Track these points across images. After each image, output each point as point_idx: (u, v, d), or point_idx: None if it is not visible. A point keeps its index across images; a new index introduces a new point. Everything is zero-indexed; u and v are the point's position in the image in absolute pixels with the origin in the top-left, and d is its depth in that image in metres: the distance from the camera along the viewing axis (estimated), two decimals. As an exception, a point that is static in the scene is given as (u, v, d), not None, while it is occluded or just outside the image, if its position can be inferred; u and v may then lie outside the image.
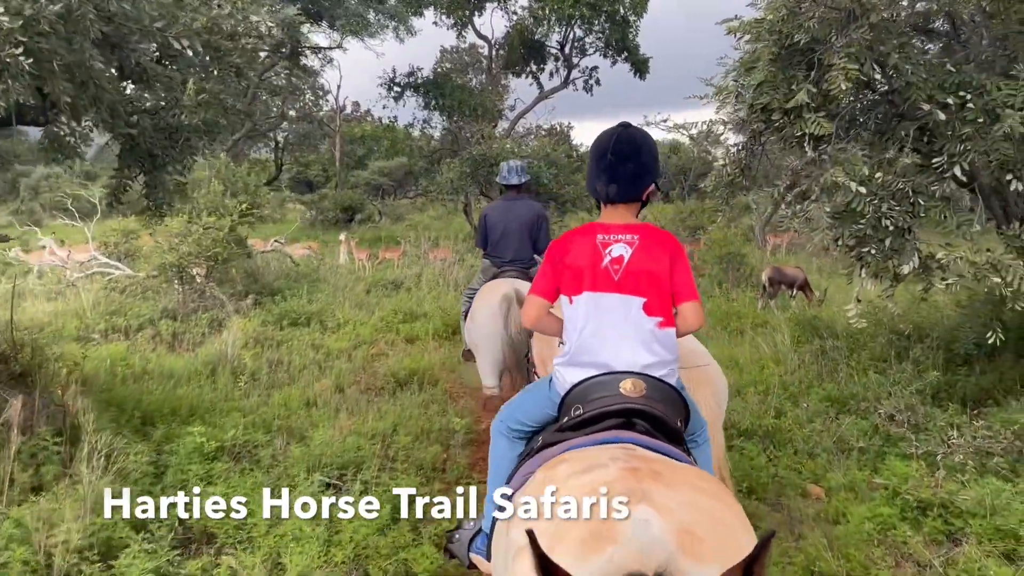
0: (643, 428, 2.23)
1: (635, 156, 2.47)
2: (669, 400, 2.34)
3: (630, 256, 2.41)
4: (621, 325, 2.39)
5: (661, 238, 2.49)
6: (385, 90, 23.56)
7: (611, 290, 2.41)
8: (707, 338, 8.71)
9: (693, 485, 1.85)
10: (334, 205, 30.05)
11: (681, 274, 2.46)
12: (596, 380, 2.35)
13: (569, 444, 2.19)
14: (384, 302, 11.66)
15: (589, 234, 2.49)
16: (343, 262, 16.70)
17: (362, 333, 9.54)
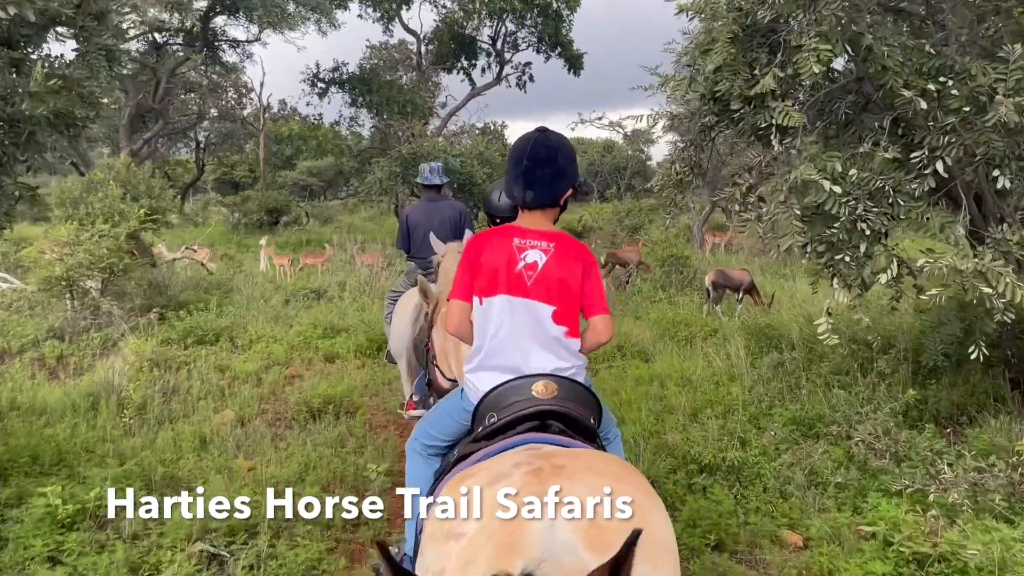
0: (557, 429, 2.23)
1: (551, 161, 2.45)
2: (581, 399, 2.35)
3: (544, 263, 2.41)
4: (531, 330, 2.40)
5: (576, 249, 2.49)
6: (308, 86, 22.40)
7: (523, 295, 2.41)
8: (655, 350, 8.06)
9: (598, 471, 1.83)
10: (258, 207, 28.67)
11: (593, 286, 2.48)
12: (509, 385, 2.34)
13: (480, 454, 2.16)
14: (303, 314, 10.69)
15: (506, 236, 2.47)
16: (264, 269, 15.62)
17: (275, 352, 8.58)
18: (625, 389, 6.82)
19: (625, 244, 17.50)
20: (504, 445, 2.15)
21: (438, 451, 2.61)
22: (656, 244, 12.32)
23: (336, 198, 49.18)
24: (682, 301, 10.96)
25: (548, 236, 2.47)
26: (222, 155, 40.57)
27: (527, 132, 2.57)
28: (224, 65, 24.70)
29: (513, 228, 2.51)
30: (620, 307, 10.93)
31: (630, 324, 9.14)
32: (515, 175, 2.48)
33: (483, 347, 2.46)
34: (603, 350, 7.98)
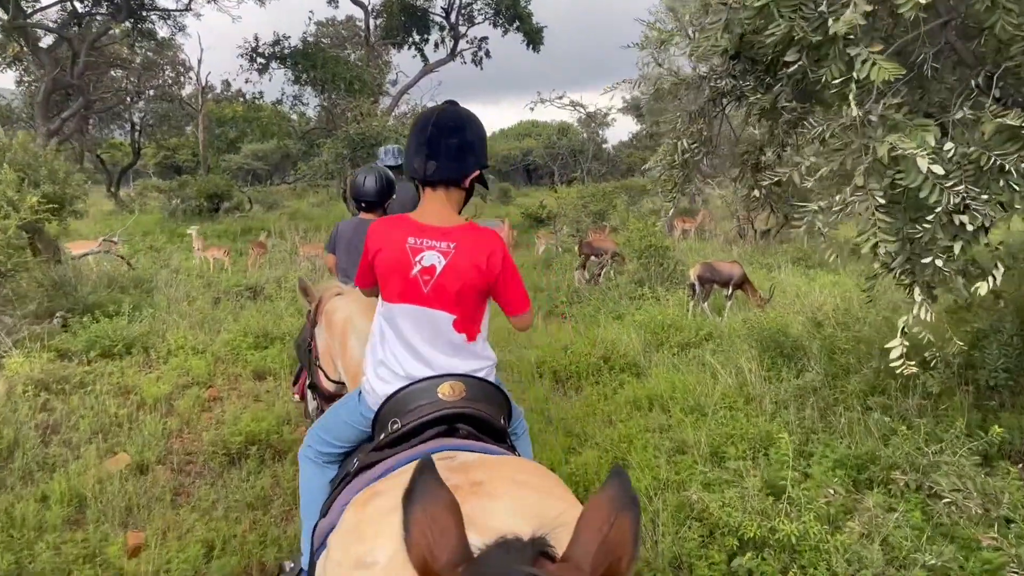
0: (466, 432, 2.12)
1: (459, 132, 2.24)
2: (491, 399, 2.24)
3: (443, 268, 2.19)
4: (429, 339, 2.24)
5: (482, 245, 2.23)
6: (247, 62, 20.64)
7: (420, 303, 2.22)
8: (648, 365, 6.84)
9: (517, 482, 1.75)
10: (197, 193, 26.74)
11: (508, 286, 2.31)
12: (412, 388, 2.19)
13: (386, 466, 1.98)
14: (234, 318, 9.27)
15: (400, 234, 2.23)
16: (198, 262, 14.06)
17: (195, 367, 7.16)
18: (620, 417, 5.60)
19: (591, 231, 16.32)
20: (413, 455, 1.97)
21: (334, 458, 2.43)
22: (632, 233, 11.10)
23: (283, 182, 47.21)
24: (666, 298, 9.78)
25: (448, 233, 2.23)
26: (160, 138, 38.25)
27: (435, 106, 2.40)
28: (153, 37, 22.82)
29: (409, 223, 2.26)
30: (597, 304, 9.70)
31: (613, 328, 7.92)
32: (417, 144, 2.24)
33: (381, 351, 2.30)
34: (586, 364, 6.77)
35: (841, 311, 7.87)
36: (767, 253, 14.48)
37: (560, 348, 7.14)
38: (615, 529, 1.10)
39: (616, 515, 1.11)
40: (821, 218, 3.61)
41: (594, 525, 1.11)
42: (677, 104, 5.82)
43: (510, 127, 62.53)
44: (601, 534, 1.10)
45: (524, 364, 7.03)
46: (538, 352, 7.13)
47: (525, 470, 1.88)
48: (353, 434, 2.38)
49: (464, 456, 1.92)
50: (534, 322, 8.80)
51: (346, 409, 2.43)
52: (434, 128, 2.23)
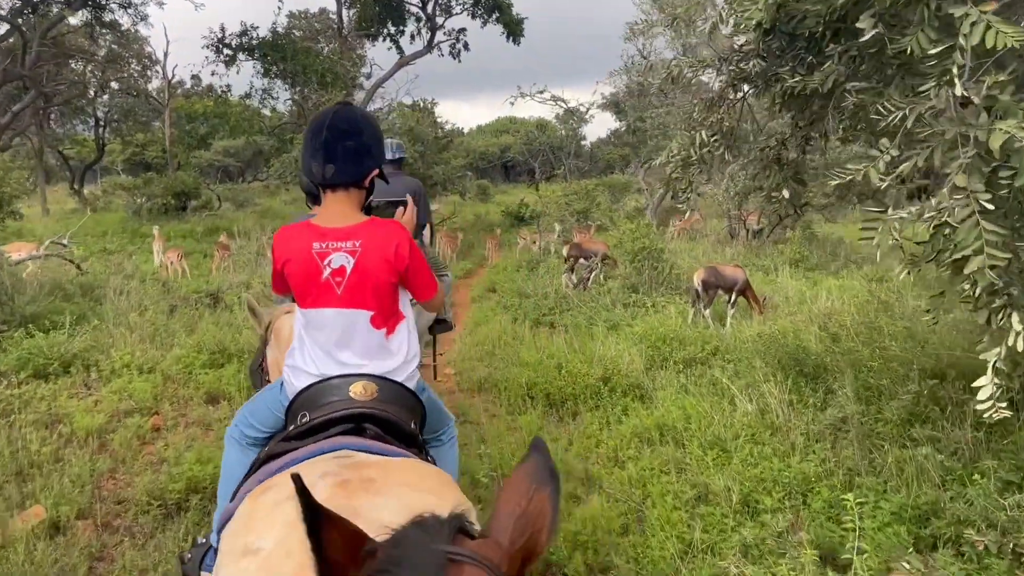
0: (373, 432, 2.11)
1: (355, 134, 2.24)
2: (402, 402, 2.24)
3: (353, 267, 2.20)
4: (347, 339, 2.25)
5: (388, 237, 2.24)
6: (213, 53, 19.62)
7: (335, 305, 2.22)
8: (654, 387, 6.08)
9: (410, 484, 1.77)
10: (164, 191, 25.66)
11: (416, 273, 2.30)
12: (325, 384, 2.21)
13: (288, 458, 1.98)
14: (191, 329, 8.41)
15: (304, 241, 2.22)
16: (158, 265, 13.14)
17: (139, 391, 6.31)
18: (627, 452, 4.83)
19: (576, 231, 15.60)
20: (313, 450, 1.96)
21: (256, 441, 2.38)
22: (624, 234, 10.34)
23: (256, 179, 46.01)
24: (663, 305, 9.04)
25: (351, 232, 2.22)
26: (126, 133, 36.94)
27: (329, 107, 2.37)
28: (114, 28, 21.73)
29: (311, 229, 2.24)
30: (588, 313, 8.94)
31: (610, 341, 7.15)
32: (314, 148, 2.23)
33: (299, 351, 2.31)
34: (584, 385, 6.01)
35: (857, 321, 7.18)
36: (761, 254, 13.82)
37: (553, 367, 6.35)
38: (533, 503, 1.09)
39: (535, 489, 1.11)
40: (897, 226, 2.86)
41: (513, 499, 1.11)
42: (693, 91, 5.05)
43: (487, 123, 61.86)
44: (520, 508, 1.09)
45: (513, 386, 6.25)
46: (529, 373, 6.34)
47: (419, 473, 1.88)
48: (274, 420, 2.37)
49: (362, 456, 1.92)
50: (521, 333, 7.95)
51: (271, 395, 2.43)
52: (329, 132, 2.23)
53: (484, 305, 10.18)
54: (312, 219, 2.29)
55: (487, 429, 5.45)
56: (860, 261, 12.68)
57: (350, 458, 1.89)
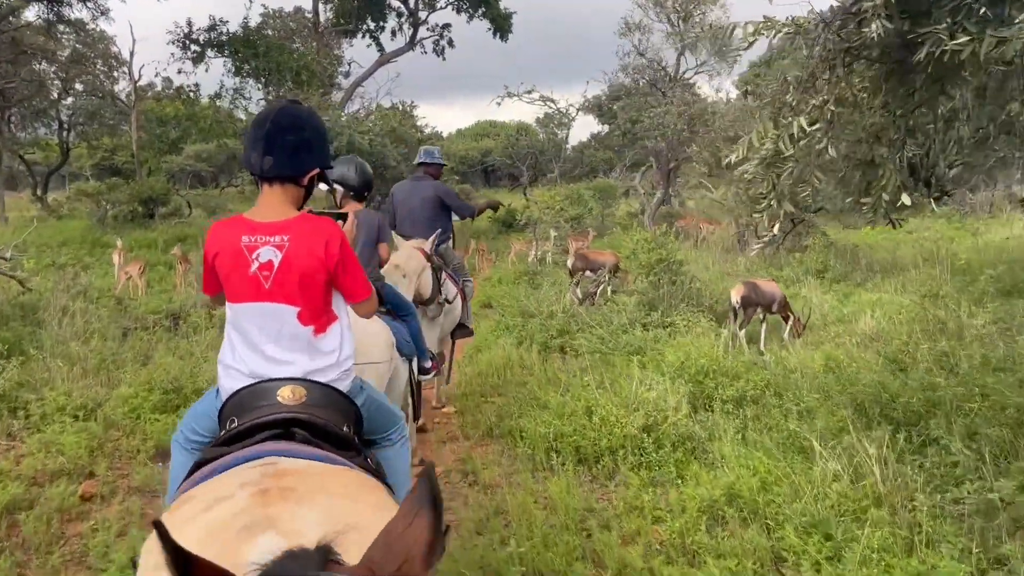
0: (302, 437, 2.05)
1: (296, 129, 2.26)
2: (334, 405, 2.21)
3: (280, 261, 2.19)
4: (274, 335, 2.22)
5: (318, 234, 2.23)
6: (179, 49, 18.30)
7: (262, 299, 2.20)
8: (708, 433, 4.97)
9: (329, 491, 1.74)
10: (129, 197, 24.23)
11: (348, 274, 2.29)
12: (253, 388, 2.18)
13: (213, 466, 1.94)
14: (144, 359, 7.20)
15: (234, 235, 2.22)
16: (117, 281, 11.85)
17: (71, 445, 5.10)
18: (694, 535, 3.71)
19: (572, 238, 14.52)
20: (239, 457, 1.91)
21: (198, 446, 2.31)
22: (638, 244, 9.23)
23: (230, 185, 44.52)
24: (685, 325, 7.94)
25: (281, 227, 2.21)
26: (92, 137, 35.37)
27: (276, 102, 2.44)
28: (70, 22, 20.36)
29: (243, 222, 2.24)
30: (602, 335, 7.82)
31: (640, 372, 6.02)
32: (255, 139, 2.25)
33: (230, 355, 2.28)
34: (621, 435, 4.89)
35: (924, 347, 6.12)
36: (775, 263, 12.79)
37: (581, 411, 5.22)
38: (411, 528, 1.12)
39: (415, 514, 1.14)
40: None
41: (393, 527, 1.14)
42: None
43: (467, 127, 60.86)
44: (396, 534, 1.12)
45: (534, 437, 5.11)
46: (552, 419, 5.20)
47: (343, 480, 1.87)
48: (212, 425, 2.29)
49: (287, 463, 1.86)
50: (529, 361, 6.80)
51: (208, 401, 2.39)
52: (272, 124, 2.24)
53: (483, 325, 9.02)
54: (245, 213, 2.29)
55: (507, 499, 4.31)
56: (885, 270, 11.70)
57: (273, 465, 1.84)
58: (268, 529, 1.52)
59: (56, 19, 18.01)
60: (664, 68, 20.47)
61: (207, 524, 1.60)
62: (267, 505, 1.61)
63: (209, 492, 1.77)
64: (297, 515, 1.58)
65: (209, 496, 1.73)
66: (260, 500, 1.63)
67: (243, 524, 1.55)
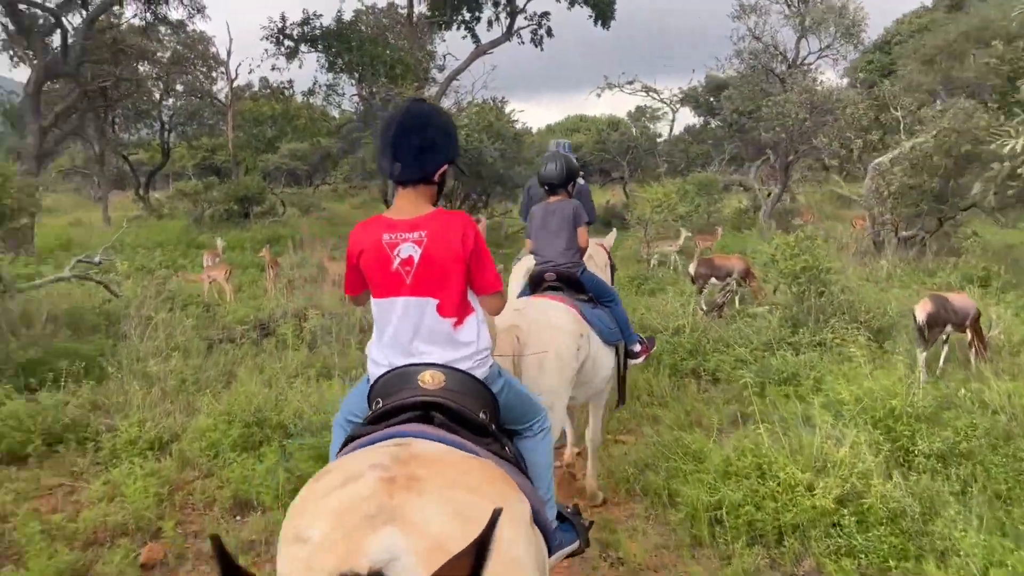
0: (440, 421, 2.14)
1: (419, 130, 2.31)
2: (470, 392, 2.28)
3: (420, 256, 2.28)
4: (416, 328, 2.31)
5: (453, 227, 2.30)
6: (272, 45, 17.91)
7: (404, 293, 2.31)
8: (927, 510, 3.81)
9: (454, 483, 1.77)
10: (225, 197, 24.22)
11: (479, 266, 2.35)
12: (397, 372, 2.29)
13: (358, 442, 2.10)
14: (227, 380, 6.49)
15: (375, 234, 2.33)
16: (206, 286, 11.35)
17: (135, 495, 4.34)
18: None
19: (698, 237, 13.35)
20: (377, 436, 2.06)
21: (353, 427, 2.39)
22: (778, 249, 8.01)
23: (324, 183, 44.78)
24: (836, 343, 6.73)
25: (419, 224, 2.31)
26: (192, 137, 35.97)
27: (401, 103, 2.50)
28: (177, 27, 20.34)
29: (382, 221, 2.35)
30: (741, 355, 6.67)
31: (818, 423, 4.84)
32: (383, 145, 2.34)
33: (375, 341, 2.40)
34: (810, 508, 3.77)
35: None
36: (922, 267, 11.27)
37: (750, 469, 4.12)
38: (449, 565, 1.20)
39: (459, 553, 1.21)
40: None
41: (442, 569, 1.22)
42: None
43: (557, 122, 59.92)
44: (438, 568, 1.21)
45: (692, 503, 4.06)
46: (718, 484, 4.12)
47: (469, 470, 1.88)
48: (362, 408, 2.40)
49: (421, 445, 1.94)
50: (658, 388, 5.77)
51: (362, 386, 2.49)
52: (397, 129, 2.30)
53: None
54: (384, 212, 2.40)
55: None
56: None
57: (406, 447, 1.91)
58: (390, 523, 1.58)
59: (154, 19, 17.84)
60: (783, 53, 18.94)
61: (339, 503, 1.68)
62: (392, 496, 1.66)
63: (344, 469, 1.85)
64: (418, 508, 1.64)
65: (343, 473, 1.81)
66: (386, 489, 1.68)
67: (368, 512, 1.61)
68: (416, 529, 1.57)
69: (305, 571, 1.59)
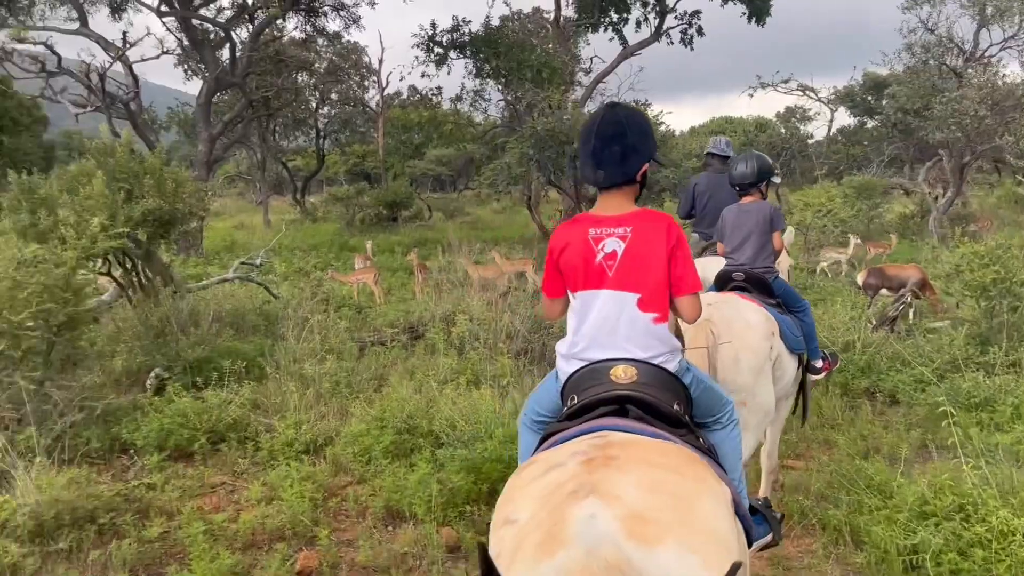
0: (635, 414, 2.17)
1: (620, 138, 2.37)
2: (663, 385, 2.29)
3: (624, 250, 2.34)
4: (615, 322, 2.34)
5: (657, 225, 2.37)
6: (423, 52, 18.26)
7: (605, 287, 2.36)
8: None
9: (651, 462, 1.82)
10: (375, 201, 25.05)
11: (680, 265, 2.37)
12: (589, 368, 2.34)
13: (557, 437, 2.16)
14: (379, 383, 6.52)
15: (581, 230, 2.41)
16: (356, 287, 11.63)
17: (292, 500, 4.35)
18: None
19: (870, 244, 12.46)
20: (578, 431, 2.10)
21: (542, 426, 2.50)
22: (967, 258, 7.23)
23: (467, 188, 45.60)
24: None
25: (624, 220, 2.38)
26: (345, 144, 37.50)
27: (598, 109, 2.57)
28: (333, 39, 21.17)
29: (588, 218, 2.44)
30: (920, 376, 6.04)
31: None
32: (585, 155, 2.43)
33: (570, 338, 2.43)
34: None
35: None
36: None
37: (949, 509, 3.63)
38: None
39: None
40: None
41: None
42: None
43: (701, 124, 58.51)
44: None
45: (884, 544, 3.61)
46: (913, 525, 3.64)
47: (667, 452, 1.92)
48: (553, 405, 2.47)
49: (617, 436, 1.97)
50: (829, 410, 5.31)
51: (548, 384, 2.56)
52: (597, 140, 2.36)
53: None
54: (589, 211, 2.47)
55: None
56: None
57: (604, 437, 1.95)
58: (591, 494, 1.64)
59: (313, 31, 18.63)
60: (959, 45, 17.46)
61: (544, 486, 1.76)
62: (592, 471, 1.73)
63: (547, 459, 1.92)
64: (616, 481, 1.69)
65: (546, 463, 1.89)
66: (586, 468, 1.76)
67: (571, 489, 1.68)
68: (615, 500, 1.62)
69: (514, 549, 1.66)
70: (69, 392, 5.57)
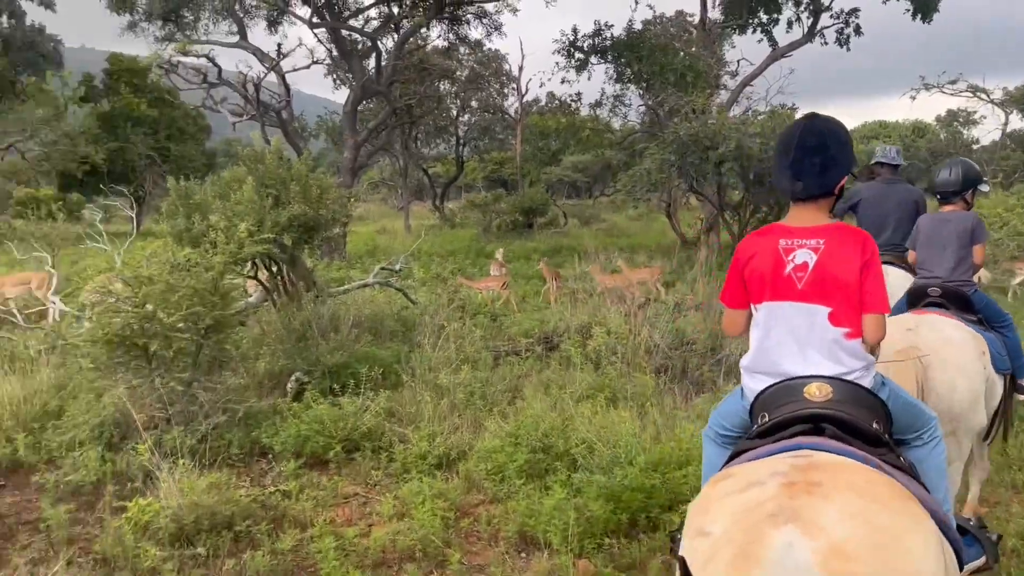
0: (832, 433, 2.11)
1: (822, 150, 2.33)
2: (860, 402, 2.20)
3: (815, 263, 2.28)
4: (804, 335, 2.29)
5: (852, 240, 2.30)
6: (564, 57, 18.08)
7: (794, 299, 2.31)
8: None
9: (857, 490, 1.76)
10: (511, 208, 25.15)
11: (871, 281, 2.29)
12: (781, 386, 2.28)
13: (750, 454, 2.12)
14: (513, 396, 6.33)
15: (771, 239, 2.36)
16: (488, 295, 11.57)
17: (424, 518, 4.20)
18: None
19: None
20: (771, 449, 2.07)
21: (729, 440, 2.50)
22: None
23: (603, 194, 45.19)
24: None
25: (817, 232, 2.32)
26: (483, 151, 38.03)
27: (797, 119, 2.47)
28: (475, 47, 21.41)
29: (779, 228, 2.39)
30: None
31: None
32: (783, 166, 2.38)
33: (755, 351, 2.40)
34: None
35: None
36: None
37: None
38: None
39: None
40: None
41: None
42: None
43: (853, 129, 55.80)
44: None
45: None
46: None
47: (872, 479, 1.85)
48: (739, 421, 2.45)
49: (820, 456, 1.93)
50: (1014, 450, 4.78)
51: (733, 399, 2.52)
52: (798, 150, 2.31)
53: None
54: (781, 221, 2.41)
55: None
56: None
57: (807, 457, 1.91)
58: (791, 521, 1.62)
59: (456, 39, 18.89)
60: None
61: (742, 503, 1.76)
62: (793, 497, 1.70)
63: (745, 475, 1.90)
64: (820, 510, 1.65)
65: (745, 479, 1.87)
66: (787, 492, 1.72)
67: (770, 512, 1.66)
68: (817, 531, 1.59)
69: (705, 561, 1.67)
70: (214, 394, 5.69)
